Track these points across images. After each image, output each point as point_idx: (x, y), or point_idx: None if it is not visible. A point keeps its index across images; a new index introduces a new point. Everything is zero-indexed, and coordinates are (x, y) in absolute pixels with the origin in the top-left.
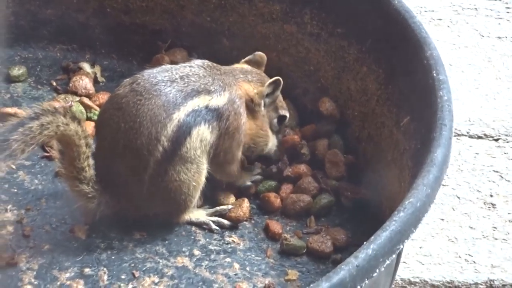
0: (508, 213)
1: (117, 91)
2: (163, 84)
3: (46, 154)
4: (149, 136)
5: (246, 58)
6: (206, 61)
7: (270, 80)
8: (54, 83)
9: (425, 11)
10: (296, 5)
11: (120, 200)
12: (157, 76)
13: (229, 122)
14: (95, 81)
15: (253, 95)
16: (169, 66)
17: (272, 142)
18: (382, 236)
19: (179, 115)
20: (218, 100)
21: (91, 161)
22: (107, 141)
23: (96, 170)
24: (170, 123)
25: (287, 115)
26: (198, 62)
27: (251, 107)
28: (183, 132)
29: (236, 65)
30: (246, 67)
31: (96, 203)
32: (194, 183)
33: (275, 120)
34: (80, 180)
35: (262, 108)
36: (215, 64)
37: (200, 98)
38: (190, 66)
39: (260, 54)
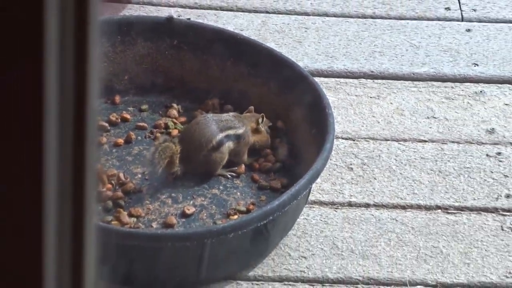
0: (363, 171)
1: (192, 123)
2: (211, 122)
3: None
4: (200, 144)
5: (247, 111)
6: (234, 113)
7: (260, 117)
8: (160, 112)
9: (322, 83)
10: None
11: (188, 167)
12: (208, 119)
13: (244, 139)
14: (178, 112)
15: (254, 126)
16: (215, 116)
17: (267, 138)
18: (302, 181)
19: (218, 137)
20: (239, 131)
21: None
22: (185, 141)
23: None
24: (214, 139)
25: (261, 122)
26: (230, 114)
27: (258, 129)
28: (218, 145)
29: (246, 114)
30: (249, 114)
31: (178, 170)
32: (220, 160)
33: (264, 127)
34: (174, 165)
35: (262, 127)
36: (239, 115)
37: (231, 130)
38: (227, 115)
39: (250, 108)
